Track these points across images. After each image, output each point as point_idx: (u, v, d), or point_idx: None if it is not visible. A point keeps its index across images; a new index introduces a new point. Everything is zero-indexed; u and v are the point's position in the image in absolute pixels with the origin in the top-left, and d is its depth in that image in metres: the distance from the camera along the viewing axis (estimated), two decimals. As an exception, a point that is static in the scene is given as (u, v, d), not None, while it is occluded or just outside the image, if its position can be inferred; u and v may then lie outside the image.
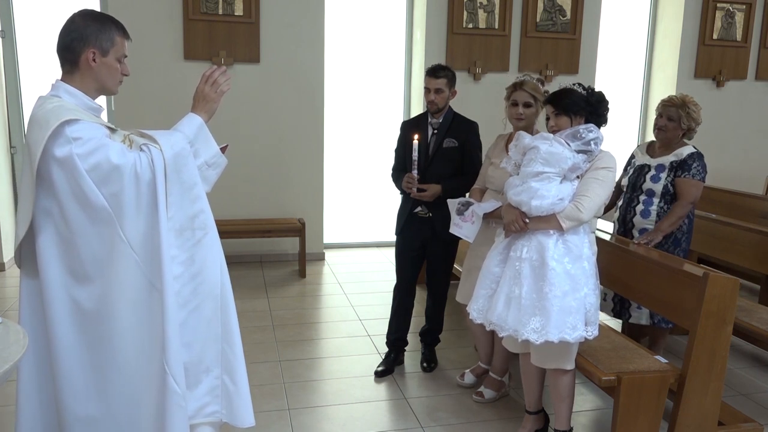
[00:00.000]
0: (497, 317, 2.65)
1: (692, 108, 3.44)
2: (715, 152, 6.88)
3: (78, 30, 1.95)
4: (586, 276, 2.62)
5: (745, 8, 6.68)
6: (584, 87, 2.75)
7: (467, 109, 3.68)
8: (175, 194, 1.98)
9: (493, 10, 6.00)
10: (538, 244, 2.62)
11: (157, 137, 2.00)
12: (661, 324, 3.48)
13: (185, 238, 2.01)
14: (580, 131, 2.65)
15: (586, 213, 2.59)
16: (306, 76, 5.70)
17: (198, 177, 2.04)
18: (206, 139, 2.11)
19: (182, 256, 2.00)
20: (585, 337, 2.60)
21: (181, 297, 2.00)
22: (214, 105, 2.13)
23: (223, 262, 2.10)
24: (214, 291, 2.08)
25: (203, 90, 2.12)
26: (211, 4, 5.37)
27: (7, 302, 4.63)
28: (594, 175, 2.64)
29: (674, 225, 3.36)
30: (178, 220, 1.99)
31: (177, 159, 1.98)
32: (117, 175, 1.89)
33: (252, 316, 4.48)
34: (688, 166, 3.38)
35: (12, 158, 5.58)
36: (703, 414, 2.78)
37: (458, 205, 3.10)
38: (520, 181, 2.69)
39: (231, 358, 2.13)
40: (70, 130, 1.86)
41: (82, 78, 1.99)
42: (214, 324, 2.09)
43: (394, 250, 3.67)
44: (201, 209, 2.04)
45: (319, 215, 5.96)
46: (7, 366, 1.62)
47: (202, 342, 2.06)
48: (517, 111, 3.07)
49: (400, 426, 3.10)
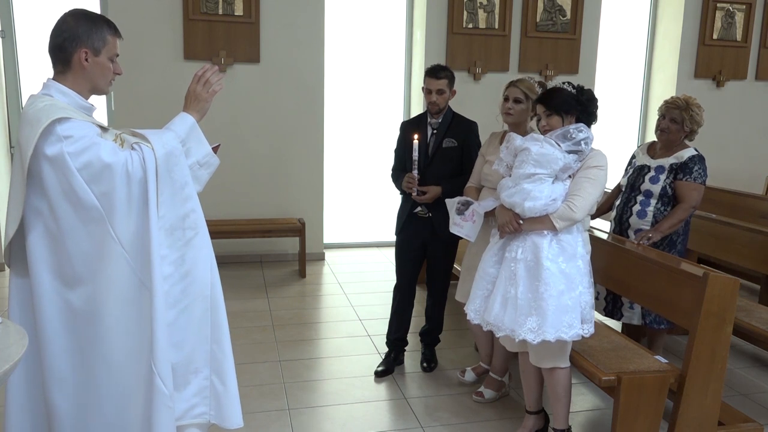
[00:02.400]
0: (494, 318, 2.67)
1: (695, 110, 3.42)
2: (715, 152, 6.88)
3: (70, 30, 1.95)
4: (581, 274, 2.65)
5: (745, 8, 6.68)
6: (573, 85, 2.76)
7: (467, 109, 3.68)
8: (166, 193, 1.97)
9: (493, 10, 6.00)
10: (532, 245, 2.64)
11: (149, 136, 2.00)
12: (652, 325, 3.47)
13: (176, 237, 2.00)
14: (570, 131, 2.66)
15: (579, 212, 2.61)
16: (306, 76, 5.70)
17: (189, 176, 2.05)
18: (198, 139, 2.11)
19: (172, 256, 2.00)
20: (581, 335, 2.62)
21: (171, 297, 2.00)
22: (205, 105, 2.14)
23: (213, 262, 2.10)
24: (204, 291, 2.07)
25: (195, 90, 2.12)
26: (211, 4, 5.37)
27: (7, 302, 4.62)
28: (585, 174, 2.66)
29: (674, 227, 3.35)
30: (169, 220, 1.98)
31: (168, 158, 1.98)
32: (108, 174, 1.89)
33: (252, 316, 4.48)
34: (690, 169, 3.36)
35: (12, 158, 5.59)
36: (703, 414, 2.77)
37: (458, 204, 3.09)
38: (513, 183, 2.71)
39: (220, 358, 2.12)
40: (61, 128, 1.86)
41: (74, 78, 1.99)
42: (203, 324, 2.08)
43: (394, 250, 3.67)
44: (192, 209, 2.05)
45: (319, 215, 5.96)
46: (7, 366, 1.62)
47: (191, 343, 2.06)
48: (506, 105, 3.10)
49: (400, 426, 3.10)
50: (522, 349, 2.83)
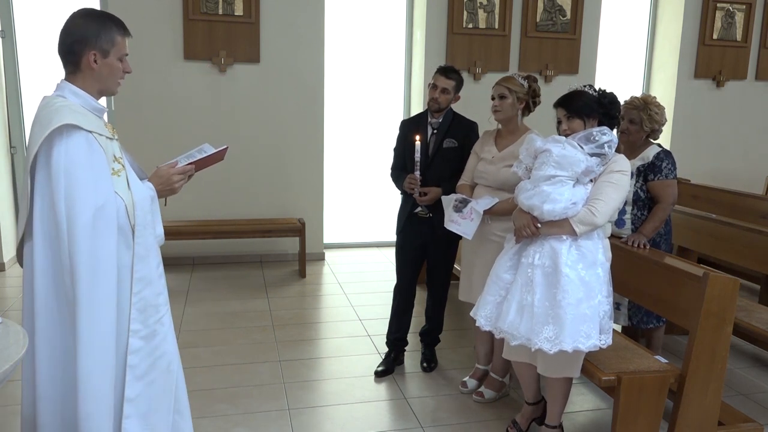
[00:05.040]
0: (509, 325, 2.59)
1: (654, 109, 3.35)
2: (715, 152, 6.89)
3: (78, 32, 1.96)
4: (600, 283, 2.57)
5: (745, 8, 6.68)
6: (594, 89, 2.71)
7: (467, 109, 3.67)
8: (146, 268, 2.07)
9: (493, 10, 6.00)
10: (550, 250, 2.56)
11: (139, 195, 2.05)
12: (640, 325, 3.46)
13: (148, 314, 2.07)
14: (594, 134, 2.59)
15: (601, 217, 2.54)
16: (306, 76, 5.70)
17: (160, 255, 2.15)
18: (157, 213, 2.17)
19: (143, 331, 2.06)
20: (599, 347, 2.54)
21: (139, 370, 2.05)
22: (170, 194, 2.18)
23: (173, 335, 2.21)
24: (171, 366, 2.16)
25: (173, 180, 2.15)
26: (211, 4, 5.37)
27: (7, 302, 4.63)
28: (608, 178, 2.59)
29: (657, 228, 3.30)
30: (145, 298, 2.05)
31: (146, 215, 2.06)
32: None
33: (252, 316, 4.48)
34: (658, 167, 3.30)
35: (12, 158, 5.58)
36: (703, 414, 2.77)
37: (455, 201, 3.09)
38: (532, 185, 2.63)
39: (183, 426, 2.24)
40: (67, 141, 1.88)
41: (84, 79, 1.99)
42: (167, 396, 2.16)
43: (395, 250, 3.67)
44: (164, 285, 2.16)
45: (319, 215, 5.96)
46: (7, 366, 1.62)
47: (155, 414, 2.11)
48: (493, 103, 3.15)
49: (400, 426, 3.10)
50: (530, 360, 2.75)
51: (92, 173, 1.90)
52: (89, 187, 1.89)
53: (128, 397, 2.03)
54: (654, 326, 3.48)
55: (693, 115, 6.70)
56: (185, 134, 5.35)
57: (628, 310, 3.47)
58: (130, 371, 2.03)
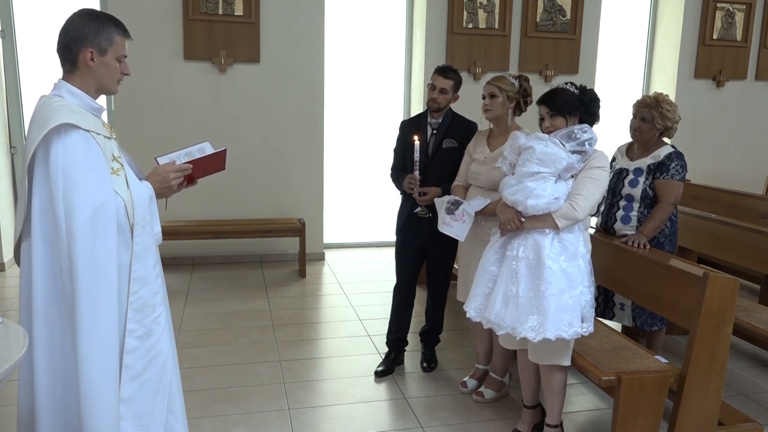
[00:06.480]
0: (495, 315, 2.69)
1: (666, 107, 3.36)
2: (715, 152, 6.89)
3: (76, 29, 1.96)
4: (582, 274, 2.67)
5: (745, 8, 6.68)
6: (576, 86, 2.77)
7: (467, 109, 3.67)
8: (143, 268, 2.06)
9: (493, 10, 6.00)
10: (534, 243, 2.65)
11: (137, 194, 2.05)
12: (644, 327, 3.46)
13: (144, 314, 2.06)
14: (575, 132, 2.69)
15: (581, 212, 2.64)
16: (306, 76, 5.70)
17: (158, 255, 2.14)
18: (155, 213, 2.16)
19: (139, 331, 2.05)
20: (581, 334, 2.63)
21: (134, 370, 2.05)
22: (167, 194, 2.17)
23: (170, 334, 2.20)
24: (166, 365, 2.15)
25: (170, 178, 2.14)
26: (211, 4, 5.37)
27: (7, 302, 4.63)
28: (588, 174, 2.68)
29: (657, 228, 3.30)
30: (142, 297, 2.05)
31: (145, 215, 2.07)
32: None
33: (252, 316, 4.48)
34: (666, 167, 3.31)
35: (12, 158, 5.58)
36: (703, 414, 2.78)
37: (447, 203, 3.09)
38: (516, 181, 2.72)
39: (176, 426, 2.23)
40: (65, 140, 1.87)
41: (81, 78, 1.99)
42: (162, 396, 2.15)
43: (394, 250, 3.67)
44: (161, 284, 2.15)
45: (319, 215, 5.96)
46: (7, 366, 1.62)
47: (149, 414, 2.11)
48: (484, 103, 3.16)
49: (400, 426, 3.10)
50: (522, 346, 2.84)
51: (91, 172, 1.90)
52: (88, 185, 1.89)
53: (123, 398, 2.03)
54: (658, 329, 3.48)
55: (693, 115, 6.69)
56: (185, 134, 5.33)
57: (632, 311, 3.47)
58: (126, 371, 2.02)
